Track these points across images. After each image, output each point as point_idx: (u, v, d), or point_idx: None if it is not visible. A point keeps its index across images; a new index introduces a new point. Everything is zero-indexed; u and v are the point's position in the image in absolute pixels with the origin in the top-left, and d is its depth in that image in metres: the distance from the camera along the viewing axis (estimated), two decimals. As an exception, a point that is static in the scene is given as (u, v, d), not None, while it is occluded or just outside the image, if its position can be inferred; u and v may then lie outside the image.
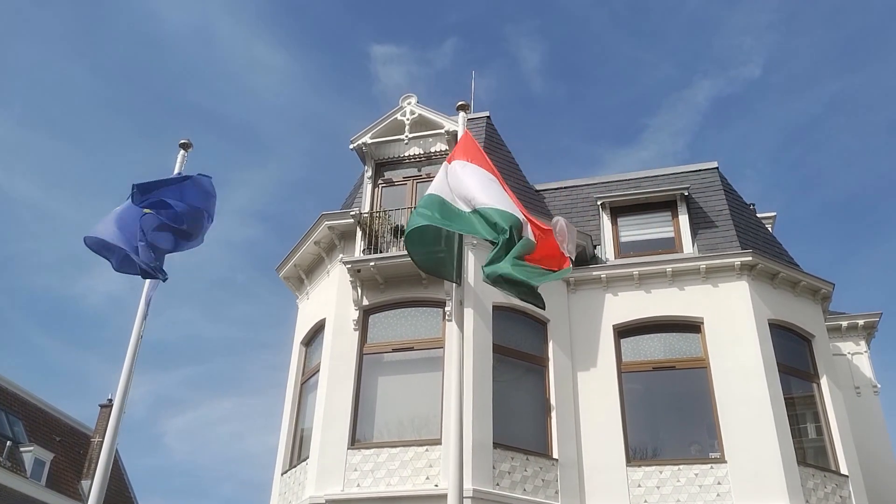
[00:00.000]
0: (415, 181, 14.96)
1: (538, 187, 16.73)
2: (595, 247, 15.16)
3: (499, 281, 6.60)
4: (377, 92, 66.73)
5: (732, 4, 56.00)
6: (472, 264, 13.35)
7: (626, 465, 12.66)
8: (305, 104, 67.41)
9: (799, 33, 56.19)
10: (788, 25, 56.49)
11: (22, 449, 27.19)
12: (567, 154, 64.06)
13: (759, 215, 17.86)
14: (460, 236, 7.34)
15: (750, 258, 13.90)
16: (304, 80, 67.21)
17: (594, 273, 14.38)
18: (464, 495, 6.39)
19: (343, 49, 64.79)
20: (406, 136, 14.81)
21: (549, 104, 66.23)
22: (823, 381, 13.83)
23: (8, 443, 26.34)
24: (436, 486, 11.57)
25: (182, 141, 9.02)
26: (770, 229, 17.87)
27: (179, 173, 8.88)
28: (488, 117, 17.06)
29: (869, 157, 54.04)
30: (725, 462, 12.37)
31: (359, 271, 13.49)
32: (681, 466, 12.50)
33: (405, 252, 7.20)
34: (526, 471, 12.21)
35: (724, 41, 57.99)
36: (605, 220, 15.62)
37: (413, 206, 13.97)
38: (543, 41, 62.21)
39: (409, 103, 14.99)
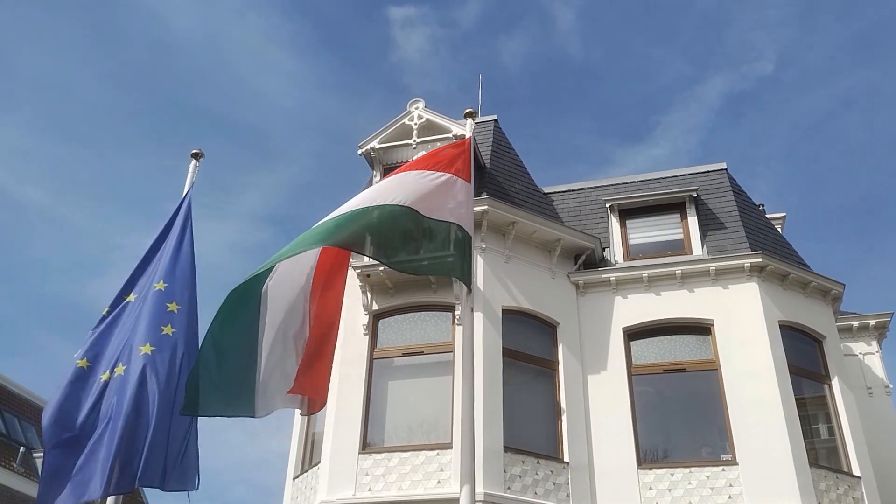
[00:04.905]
0: (423, 185, 14.97)
1: (546, 190, 16.74)
2: (604, 249, 15.17)
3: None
4: (396, 59, 65.89)
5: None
6: (481, 267, 13.38)
7: (638, 468, 12.66)
8: (315, 106, 67.65)
9: (812, 28, 56.00)
10: (801, 20, 56.29)
11: (35, 454, 27.32)
12: (577, 152, 63.98)
13: (768, 216, 17.82)
14: (469, 240, 7.14)
15: (760, 259, 13.87)
16: (313, 82, 67.46)
17: (603, 276, 14.39)
18: (475, 499, 6.40)
19: (356, 37, 64.48)
20: (414, 141, 14.85)
21: (579, 70, 64.90)
22: (835, 381, 13.80)
23: (21, 448, 26.51)
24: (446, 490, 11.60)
25: (193, 151, 8.75)
26: (780, 230, 17.82)
27: (189, 189, 8.13)
28: (496, 121, 17.12)
29: (882, 153, 53.70)
30: (737, 464, 12.35)
31: (368, 276, 13.54)
32: (692, 469, 12.49)
33: (412, 258, 6.99)
34: (537, 474, 12.23)
35: (737, 37, 57.75)
36: (614, 223, 15.62)
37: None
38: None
39: (416, 108, 15.04)
